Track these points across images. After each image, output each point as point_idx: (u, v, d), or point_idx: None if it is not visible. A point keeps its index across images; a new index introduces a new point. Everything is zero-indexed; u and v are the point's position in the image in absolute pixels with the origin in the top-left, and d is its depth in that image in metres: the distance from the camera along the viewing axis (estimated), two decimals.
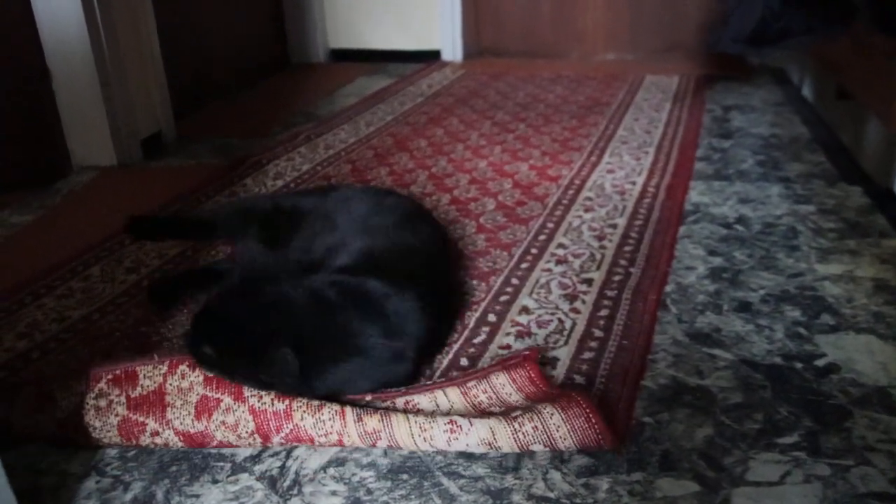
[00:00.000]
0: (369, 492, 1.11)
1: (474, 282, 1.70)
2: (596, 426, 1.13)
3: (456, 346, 1.45)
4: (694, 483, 1.10)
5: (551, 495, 1.08)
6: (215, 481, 1.14)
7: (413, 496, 1.09)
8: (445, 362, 1.40)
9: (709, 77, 3.56)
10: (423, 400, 1.25)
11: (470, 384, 1.28)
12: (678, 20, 4.04)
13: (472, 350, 1.44)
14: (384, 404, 1.24)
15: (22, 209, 2.27)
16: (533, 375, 1.29)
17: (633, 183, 2.25)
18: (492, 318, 1.55)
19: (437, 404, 1.24)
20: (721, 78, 3.54)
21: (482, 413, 1.22)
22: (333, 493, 1.11)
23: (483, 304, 1.60)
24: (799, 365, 1.36)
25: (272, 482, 1.13)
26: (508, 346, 1.44)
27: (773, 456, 1.14)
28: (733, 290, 1.64)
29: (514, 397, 1.26)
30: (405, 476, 1.13)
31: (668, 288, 1.65)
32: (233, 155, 2.70)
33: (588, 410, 1.14)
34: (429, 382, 1.32)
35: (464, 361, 1.40)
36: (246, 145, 2.81)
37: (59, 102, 2.55)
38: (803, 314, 1.53)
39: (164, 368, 1.22)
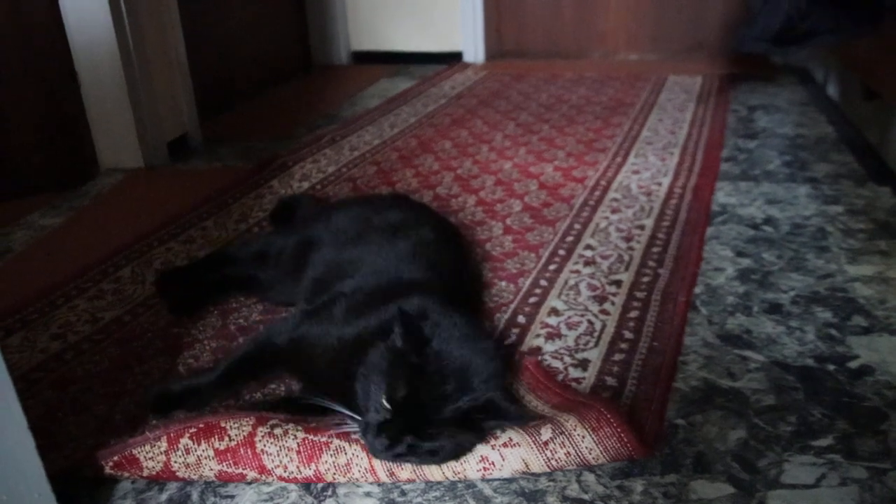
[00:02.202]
0: (403, 493, 1.11)
1: (503, 283, 1.70)
2: (628, 444, 1.12)
3: None
4: (728, 485, 1.09)
5: (586, 497, 1.08)
6: (250, 483, 1.14)
7: (447, 498, 1.10)
8: None
9: (732, 77, 3.54)
10: None
11: None
12: (700, 20, 4.03)
13: (501, 352, 1.43)
14: None
15: (51, 211, 2.29)
16: (534, 370, 1.31)
17: (659, 184, 2.25)
18: (521, 319, 1.55)
19: None
20: (745, 78, 3.53)
21: None
22: (367, 494, 1.12)
23: (512, 306, 1.60)
24: (832, 367, 1.36)
25: (306, 484, 1.14)
26: (538, 349, 1.44)
27: (808, 458, 1.14)
28: (763, 291, 1.63)
29: (529, 399, 1.26)
30: None
31: (697, 289, 1.64)
32: (258, 157, 2.72)
33: (619, 429, 1.12)
34: None
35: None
36: (271, 147, 2.83)
37: (87, 106, 2.58)
38: (835, 316, 1.52)
39: (253, 420, 1.17)
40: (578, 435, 1.11)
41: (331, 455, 1.12)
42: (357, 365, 1.14)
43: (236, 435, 1.14)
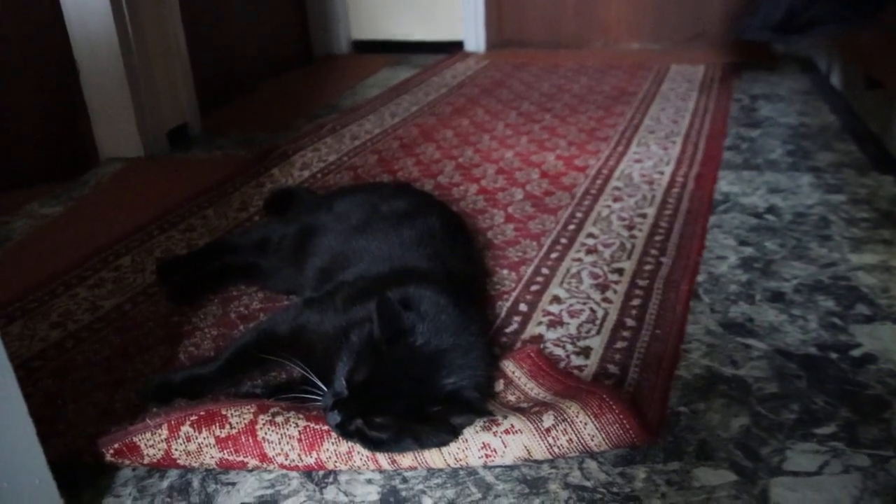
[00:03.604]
0: (405, 480, 1.11)
1: (504, 271, 1.70)
2: (631, 431, 1.11)
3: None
4: (731, 472, 1.09)
5: (588, 484, 1.08)
6: (251, 470, 1.14)
7: (449, 485, 1.09)
8: None
9: (735, 66, 3.53)
10: None
11: None
12: (703, 8, 4.01)
13: (504, 339, 1.43)
14: None
15: (51, 200, 2.29)
16: (536, 358, 1.32)
17: (662, 172, 2.24)
18: (523, 307, 1.54)
19: None
20: (747, 66, 3.51)
21: (503, 404, 1.22)
22: (369, 481, 1.11)
23: (514, 294, 1.60)
24: (834, 355, 1.35)
25: (308, 471, 1.13)
26: (540, 336, 1.44)
27: (811, 446, 1.13)
28: (765, 279, 1.62)
29: (531, 387, 1.26)
30: None
31: (699, 278, 1.64)
32: (258, 146, 2.71)
33: (622, 416, 1.12)
34: None
35: (496, 351, 1.39)
36: (271, 137, 2.82)
37: (87, 95, 2.57)
38: (837, 304, 1.51)
39: (254, 408, 1.16)
40: (581, 422, 1.11)
41: (332, 443, 1.12)
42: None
43: (237, 423, 1.14)
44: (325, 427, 1.12)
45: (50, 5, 2.41)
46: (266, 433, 1.12)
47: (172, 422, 1.14)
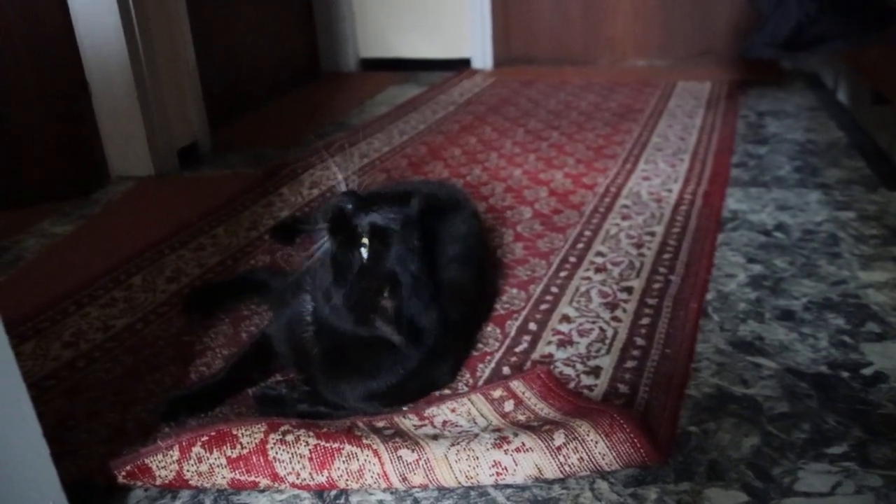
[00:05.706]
0: (416, 501, 1.11)
1: (514, 290, 1.70)
2: (641, 450, 1.11)
3: (498, 355, 1.45)
4: (742, 493, 1.09)
5: None
6: (263, 490, 1.14)
7: None
8: (488, 371, 1.40)
9: (742, 82, 3.54)
10: (460, 419, 1.25)
11: (491, 391, 1.31)
12: (709, 25, 4.02)
13: (513, 359, 1.44)
14: (421, 430, 1.23)
15: (62, 219, 2.30)
16: (546, 379, 1.32)
17: (670, 190, 2.24)
18: (532, 326, 1.55)
19: (473, 420, 1.24)
20: (754, 83, 3.52)
21: (513, 423, 1.22)
22: (381, 502, 1.11)
23: (523, 313, 1.60)
24: (845, 374, 1.35)
25: (319, 491, 1.14)
26: (550, 356, 1.44)
27: (823, 466, 1.13)
28: (775, 297, 1.62)
29: (542, 407, 1.26)
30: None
31: (708, 296, 1.64)
32: (268, 164, 2.72)
33: (632, 434, 1.12)
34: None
35: (506, 370, 1.40)
36: (280, 154, 2.84)
37: (98, 114, 2.59)
38: (847, 322, 1.51)
39: (265, 427, 1.17)
40: (592, 440, 1.11)
41: (343, 461, 1.12)
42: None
43: (248, 443, 1.14)
44: (336, 445, 1.13)
45: (61, 25, 2.43)
46: (277, 452, 1.13)
47: (184, 443, 1.15)
